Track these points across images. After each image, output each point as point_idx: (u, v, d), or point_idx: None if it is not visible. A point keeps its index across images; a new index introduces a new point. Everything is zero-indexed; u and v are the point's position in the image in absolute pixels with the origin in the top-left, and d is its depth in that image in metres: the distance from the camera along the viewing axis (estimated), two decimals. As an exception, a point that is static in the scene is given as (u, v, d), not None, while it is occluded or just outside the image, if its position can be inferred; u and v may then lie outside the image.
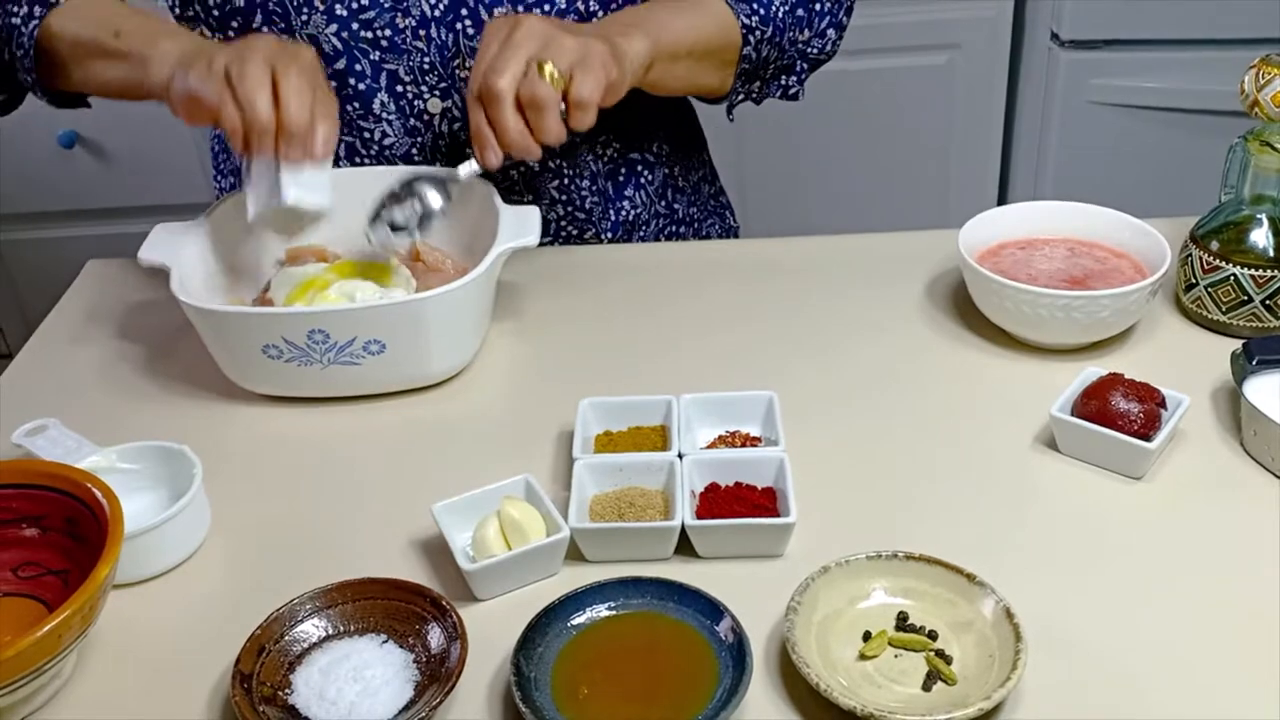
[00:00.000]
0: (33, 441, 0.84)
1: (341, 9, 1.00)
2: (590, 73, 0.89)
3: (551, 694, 0.66)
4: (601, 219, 1.15)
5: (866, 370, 0.92)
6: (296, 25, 1.01)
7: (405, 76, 1.04)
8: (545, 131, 0.88)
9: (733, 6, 1.04)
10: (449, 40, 1.02)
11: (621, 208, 1.16)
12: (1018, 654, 0.65)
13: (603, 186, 1.15)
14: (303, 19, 1.00)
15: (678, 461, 0.79)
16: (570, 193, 1.12)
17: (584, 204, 1.14)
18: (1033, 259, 0.96)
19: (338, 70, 1.03)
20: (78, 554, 0.72)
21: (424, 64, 1.04)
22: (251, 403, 0.93)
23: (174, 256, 0.92)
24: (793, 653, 0.66)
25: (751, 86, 1.10)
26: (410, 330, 0.88)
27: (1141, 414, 0.80)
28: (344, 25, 1.01)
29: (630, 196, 1.17)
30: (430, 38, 1.02)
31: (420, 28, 1.02)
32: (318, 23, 1.01)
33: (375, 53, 1.02)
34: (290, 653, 0.70)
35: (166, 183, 2.02)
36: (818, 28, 1.10)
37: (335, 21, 1.01)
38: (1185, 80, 1.97)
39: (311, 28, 1.01)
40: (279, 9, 1.00)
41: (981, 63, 2.08)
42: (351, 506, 0.83)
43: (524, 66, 0.88)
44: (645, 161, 1.17)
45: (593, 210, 1.14)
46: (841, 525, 0.78)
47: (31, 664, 0.63)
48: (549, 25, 0.90)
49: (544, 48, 0.88)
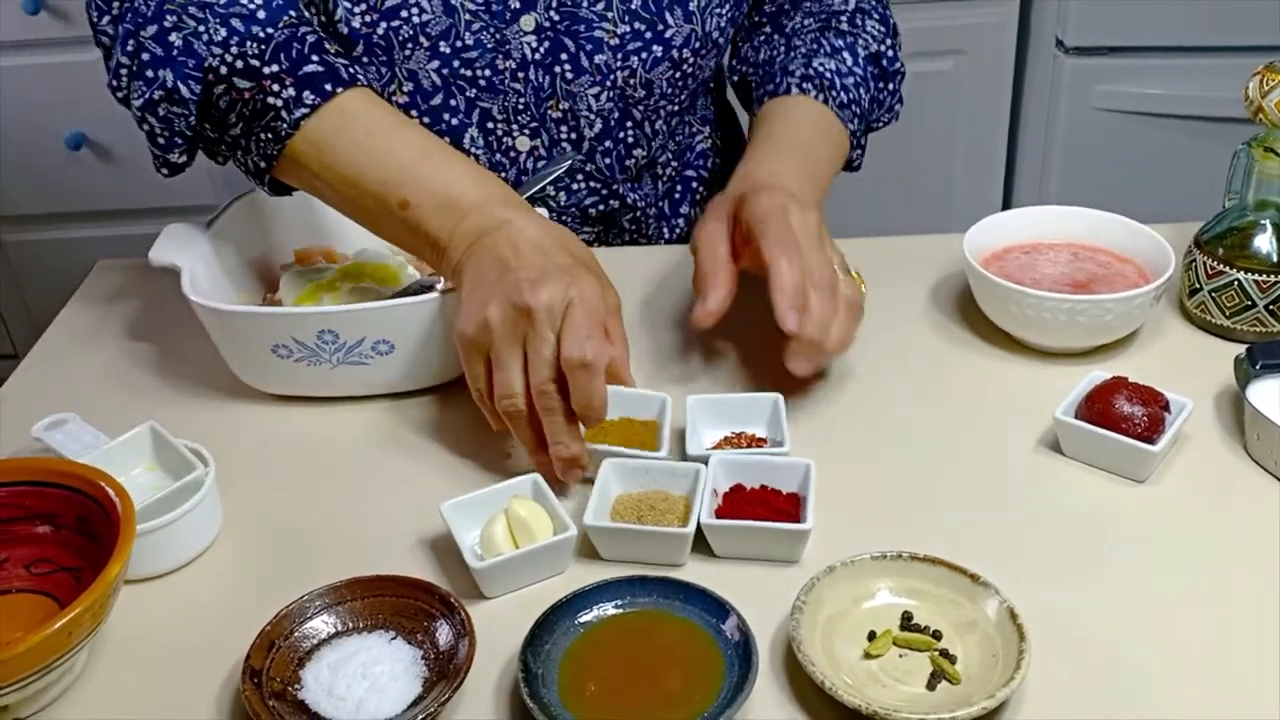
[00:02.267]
0: (52, 436, 0.85)
1: (445, 46, 1.01)
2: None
3: (559, 691, 0.67)
4: (655, 236, 1.18)
5: (871, 373, 0.93)
6: (399, 59, 1.01)
7: (498, 115, 1.06)
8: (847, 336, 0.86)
9: (839, 114, 1.05)
10: (545, 83, 1.04)
11: (676, 224, 1.19)
12: (1021, 654, 0.65)
13: (660, 207, 1.17)
14: (405, 53, 1.01)
15: (703, 469, 0.79)
16: (640, 223, 1.16)
17: (647, 230, 1.17)
18: (1037, 263, 0.97)
19: (433, 106, 1.04)
20: (90, 551, 0.73)
21: (518, 104, 1.05)
22: (261, 402, 0.94)
23: (184, 257, 0.93)
24: (798, 651, 0.66)
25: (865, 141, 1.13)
26: (419, 331, 0.89)
27: (1145, 417, 0.80)
28: (445, 63, 1.02)
29: (685, 214, 1.19)
30: (528, 80, 1.04)
31: (519, 70, 1.03)
32: (420, 58, 1.01)
33: (472, 90, 1.04)
34: (300, 649, 0.71)
35: (174, 184, 2.03)
36: (888, 104, 1.14)
37: (437, 59, 1.01)
38: (1189, 86, 1.98)
39: (413, 63, 1.01)
40: (383, 42, 1.00)
41: (986, 69, 2.08)
42: (360, 505, 0.84)
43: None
44: (700, 178, 1.20)
45: (654, 235, 1.18)
46: (847, 526, 0.78)
47: (42, 660, 0.64)
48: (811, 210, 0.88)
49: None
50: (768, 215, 0.85)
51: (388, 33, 0.99)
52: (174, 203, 1.93)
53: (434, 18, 0.99)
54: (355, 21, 0.98)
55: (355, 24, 0.98)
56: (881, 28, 1.12)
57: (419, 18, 0.99)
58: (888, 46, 1.11)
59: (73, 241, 2.12)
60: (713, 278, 0.86)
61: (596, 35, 1.02)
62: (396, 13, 0.99)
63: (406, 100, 1.04)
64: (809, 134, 1.02)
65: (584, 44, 1.03)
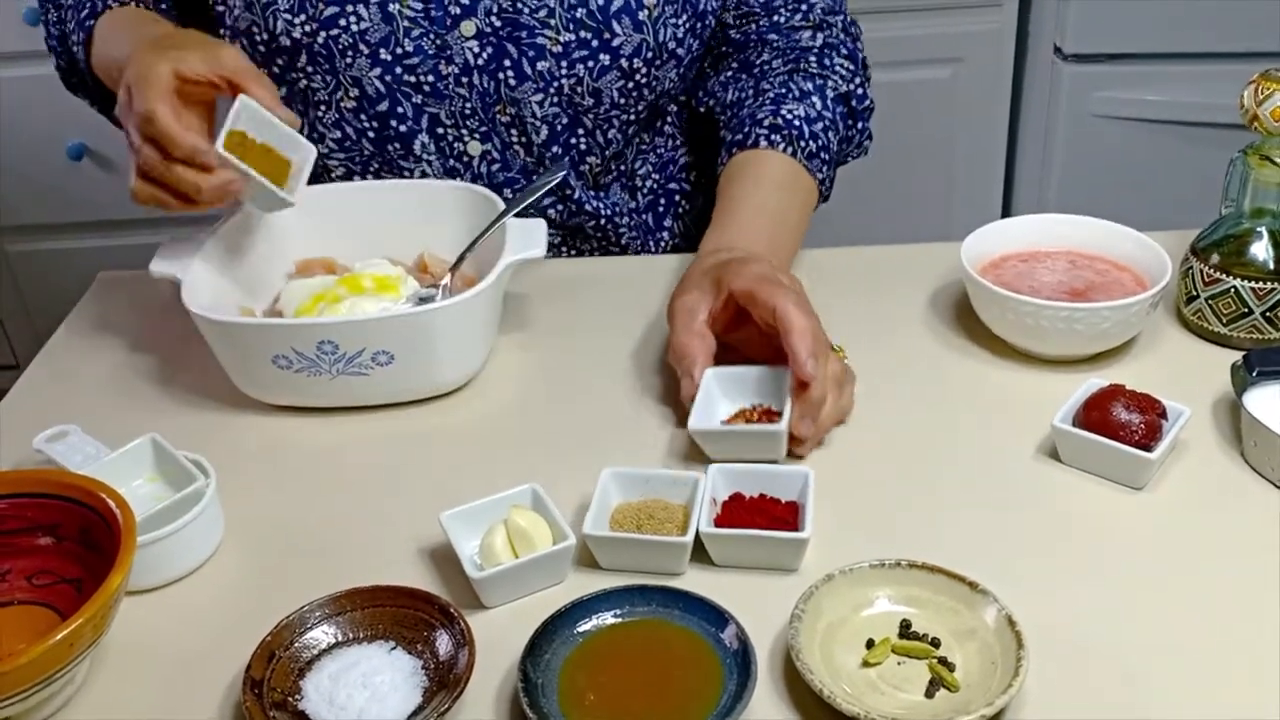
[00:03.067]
0: (53, 447, 0.85)
1: (386, 54, 1.02)
2: None
3: (558, 700, 0.67)
4: (641, 251, 1.17)
5: (870, 381, 0.93)
6: (340, 67, 1.03)
7: (447, 120, 1.06)
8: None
9: (807, 166, 1.05)
10: (490, 87, 1.05)
11: (661, 238, 1.19)
12: (1019, 661, 0.66)
13: (642, 220, 1.17)
14: (347, 61, 1.03)
15: (703, 478, 0.79)
16: (606, 231, 1.15)
17: (620, 239, 1.16)
18: (1035, 271, 0.97)
19: (380, 112, 1.05)
20: (91, 562, 0.73)
21: (465, 109, 1.06)
22: (261, 412, 0.94)
23: (184, 268, 0.93)
24: (797, 660, 0.67)
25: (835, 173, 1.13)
26: (418, 341, 0.89)
27: (1143, 425, 0.80)
28: (388, 70, 1.03)
29: (669, 227, 1.19)
30: (473, 85, 1.04)
31: (463, 75, 1.04)
32: (362, 65, 1.03)
33: (418, 96, 1.05)
34: (300, 659, 0.71)
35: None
36: (857, 141, 1.14)
37: (379, 65, 1.03)
38: (1187, 94, 1.98)
39: (356, 70, 1.03)
40: (324, 51, 1.02)
41: (985, 76, 2.09)
42: (360, 515, 0.84)
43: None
44: (683, 191, 1.20)
45: (629, 245, 1.17)
46: (845, 534, 0.79)
47: (44, 671, 0.64)
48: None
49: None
50: (764, 279, 0.87)
51: (327, 42, 1.02)
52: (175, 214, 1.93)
53: (372, 25, 1.01)
54: (295, 33, 1.02)
55: (296, 34, 1.02)
56: (850, 65, 1.12)
57: (357, 26, 1.01)
58: (857, 85, 1.11)
59: (74, 252, 2.12)
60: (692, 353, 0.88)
61: (539, 42, 1.03)
62: (335, 22, 1.01)
63: (354, 105, 1.06)
64: (778, 198, 1.02)
65: (526, 50, 1.03)
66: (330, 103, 1.06)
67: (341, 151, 1.08)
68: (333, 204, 1.04)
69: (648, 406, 0.92)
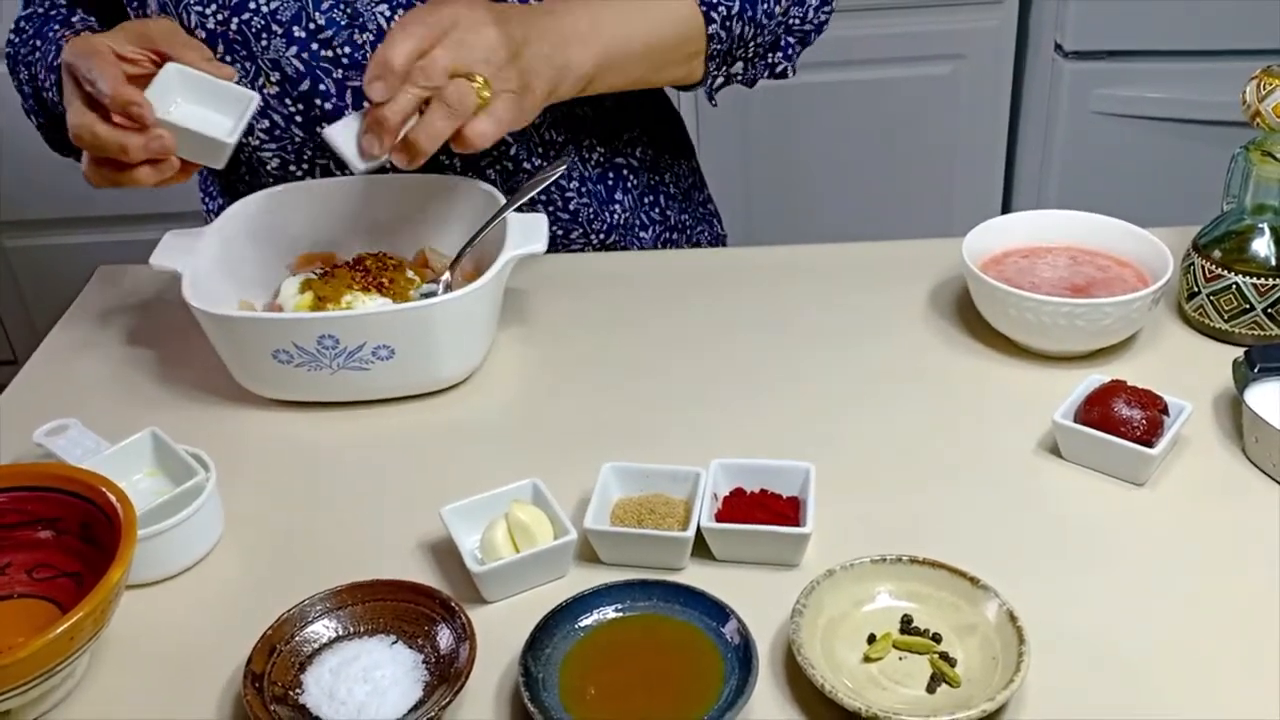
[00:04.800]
0: (53, 441, 0.85)
1: (300, 30, 1.01)
2: (503, 103, 0.87)
3: (559, 694, 0.67)
4: (593, 221, 1.14)
5: (870, 377, 0.93)
6: (257, 51, 1.02)
7: None
8: (433, 136, 0.86)
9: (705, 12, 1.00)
10: None
11: (613, 210, 1.17)
12: (1021, 656, 0.66)
13: (594, 189, 1.15)
14: (263, 44, 1.02)
15: (704, 473, 0.79)
16: (551, 193, 1.12)
17: (568, 205, 1.13)
18: (1036, 267, 0.97)
19: (303, 92, 1.04)
20: (91, 556, 0.73)
21: None
22: (261, 407, 0.94)
23: (185, 262, 0.93)
24: (798, 654, 0.67)
25: (732, 70, 1.08)
26: (419, 336, 0.89)
27: (1144, 421, 0.80)
28: (303, 47, 1.02)
29: (620, 200, 1.17)
30: None
31: (379, 41, 1.01)
32: (278, 46, 1.02)
33: (338, 70, 1.03)
34: (301, 653, 0.71)
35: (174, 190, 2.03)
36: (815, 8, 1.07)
37: (295, 44, 1.02)
38: (1188, 91, 1.98)
39: (273, 52, 1.02)
40: (239, 36, 1.01)
41: (985, 73, 2.09)
42: (361, 509, 0.84)
43: (423, 47, 0.86)
44: (630, 166, 1.18)
45: (579, 212, 1.14)
46: (846, 530, 0.78)
47: (43, 665, 0.64)
48: (479, 11, 0.88)
49: (464, 46, 0.86)
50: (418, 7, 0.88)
51: (240, 27, 1.01)
52: (176, 208, 1.94)
53: (282, 4, 1.00)
54: (209, 23, 1.01)
55: (210, 25, 1.01)
56: None
57: (267, 7, 1.01)
58: None
59: (74, 247, 2.12)
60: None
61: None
62: (245, 6, 1.00)
63: (277, 90, 1.04)
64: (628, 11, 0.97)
65: None
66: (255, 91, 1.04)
67: (273, 142, 1.07)
68: (334, 198, 1.04)
69: (650, 401, 0.92)
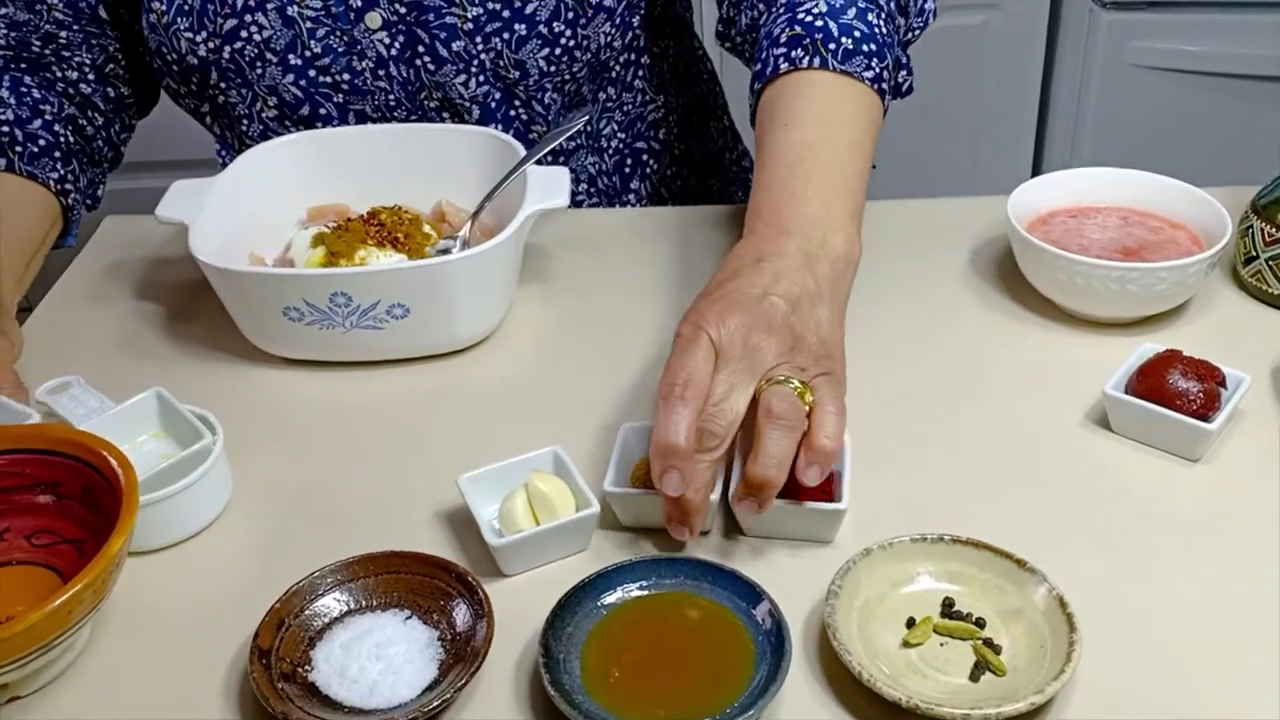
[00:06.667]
0: (55, 400, 0.82)
1: (295, 58, 0.98)
2: (825, 388, 0.71)
3: (581, 676, 0.64)
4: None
5: (908, 345, 0.89)
6: (253, 79, 0.98)
7: (373, 114, 1.02)
8: (782, 463, 0.68)
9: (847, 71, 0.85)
10: (410, 75, 1.00)
11: (627, 200, 1.13)
12: (1072, 645, 0.62)
13: (608, 184, 1.11)
14: (258, 73, 0.98)
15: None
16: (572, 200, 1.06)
17: (581, 206, 1.10)
18: (1085, 228, 0.92)
19: (303, 115, 1.01)
20: (94, 523, 0.70)
21: (389, 101, 1.01)
22: (271, 365, 0.90)
23: (193, 213, 0.89)
24: (834, 639, 0.63)
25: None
26: (435, 294, 0.85)
27: (1201, 393, 0.76)
28: (301, 74, 0.98)
29: (635, 189, 1.13)
30: (391, 76, 0.99)
31: (379, 68, 0.99)
32: (274, 74, 0.98)
33: (338, 95, 1.00)
34: (311, 627, 0.68)
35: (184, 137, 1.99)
36: (918, 8, 0.96)
37: (291, 72, 0.98)
38: (1231, 44, 1.91)
39: (269, 79, 0.98)
40: (232, 65, 0.98)
41: (1019, 24, 2.02)
42: (373, 476, 0.80)
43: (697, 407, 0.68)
44: (651, 150, 1.13)
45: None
46: (881, 505, 0.75)
47: (42, 639, 0.61)
48: (729, 320, 0.71)
49: (738, 374, 0.70)
50: (687, 323, 0.72)
51: (233, 55, 0.97)
52: (188, 155, 1.89)
53: (275, 32, 0.97)
54: (200, 50, 0.97)
55: (201, 53, 0.97)
56: None
57: (259, 35, 0.97)
58: None
59: (85, 194, 2.08)
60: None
61: (448, 22, 0.97)
62: (236, 35, 0.97)
63: (275, 114, 1.01)
64: (814, 138, 0.82)
65: (437, 33, 0.97)
66: (251, 115, 1.02)
67: None
68: (346, 149, 1.00)
69: (675, 365, 0.88)
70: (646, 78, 1.11)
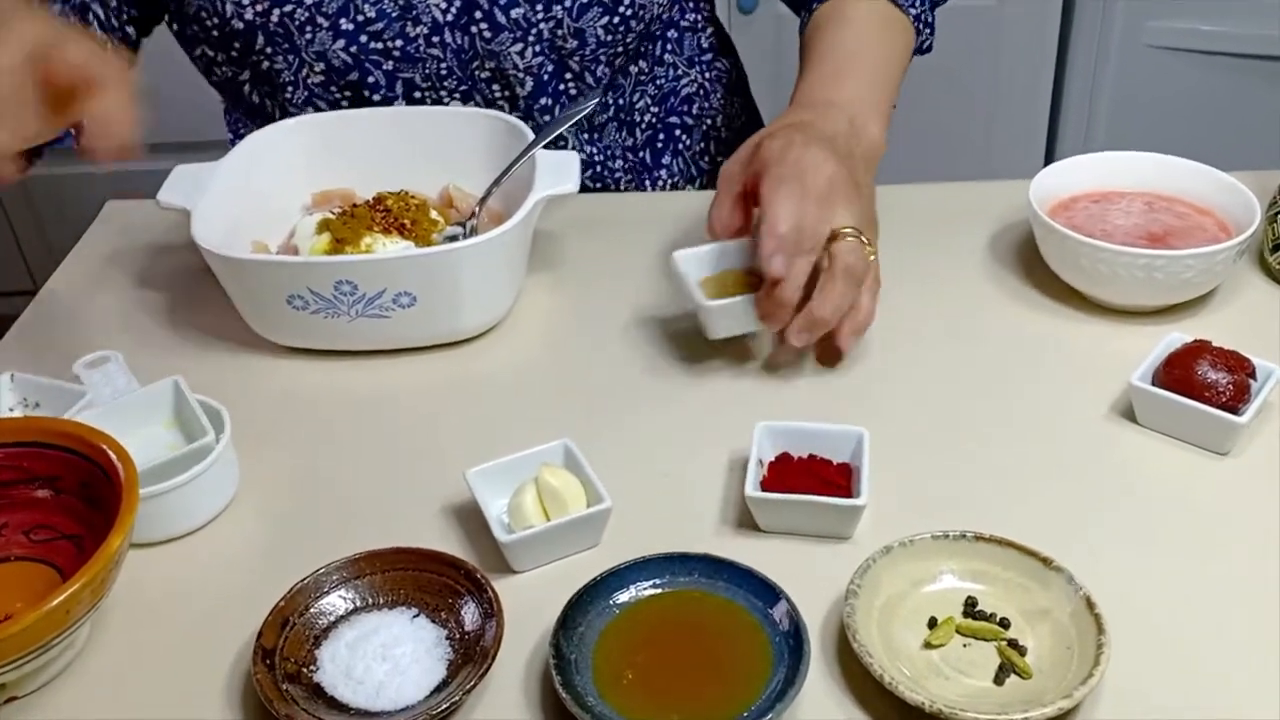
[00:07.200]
0: (89, 374, 0.79)
1: (347, 23, 0.95)
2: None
3: (593, 678, 0.62)
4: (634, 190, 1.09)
5: (926, 333, 0.87)
6: (301, 44, 0.96)
7: (422, 83, 0.99)
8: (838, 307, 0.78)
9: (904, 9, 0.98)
10: (465, 43, 0.97)
11: (659, 177, 1.11)
12: (1100, 648, 0.60)
13: (638, 160, 1.09)
14: (307, 38, 0.96)
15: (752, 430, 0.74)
16: (601, 175, 1.07)
17: (618, 184, 1.09)
18: (1108, 214, 0.90)
19: (351, 82, 0.98)
20: (93, 518, 0.68)
21: (440, 70, 0.98)
22: (275, 355, 0.88)
23: (195, 199, 0.87)
24: (854, 640, 0.61)
25: None
26: (442, 282, 0.83)
27: (1230, 385, 0.74)
28: (352, 39, 0.96)
29: (668, 164, 1.11)
30: (445, 43, 0.97)
31: (433, 34, 0.96)
32: (323, 39, 0.96)
33: (389, 63, 0.97)
34: (316, 626, 0.66)
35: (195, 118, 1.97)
36: None
37: (342, 37, 0.96)
38: (1250, 24, 1.88)
39: (318, 44, 0.96)
40: (280, 29, 0.95)
41: (1032, 3, 1.99)
42: (380, 469, 0.78)
43: (804, 208, 0.78)
44: (684, 125, 1.12)
45: (626, 189, 1.09)
46: (900, 500, 0.73)
47: (39, 639, 0.59)
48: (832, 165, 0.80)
49: (837, 207, 0.79)
50: (777, 161, 0.80)
51: (283, 19, 0.95)
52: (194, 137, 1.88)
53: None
54: (248, 14, 0.95)
55: (248, 16, 0.95)
56: None
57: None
58: None
59: (95, 176, 2.05)
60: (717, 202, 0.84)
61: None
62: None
63: (322, 79, 0.99)
64: (865, 37, 0.94)
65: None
66: (296, 82, 0.99)
67: None
68: (352, 133, 0.98)
69: (688, 352, 0.86)
70: (678, 51, 1.10)
